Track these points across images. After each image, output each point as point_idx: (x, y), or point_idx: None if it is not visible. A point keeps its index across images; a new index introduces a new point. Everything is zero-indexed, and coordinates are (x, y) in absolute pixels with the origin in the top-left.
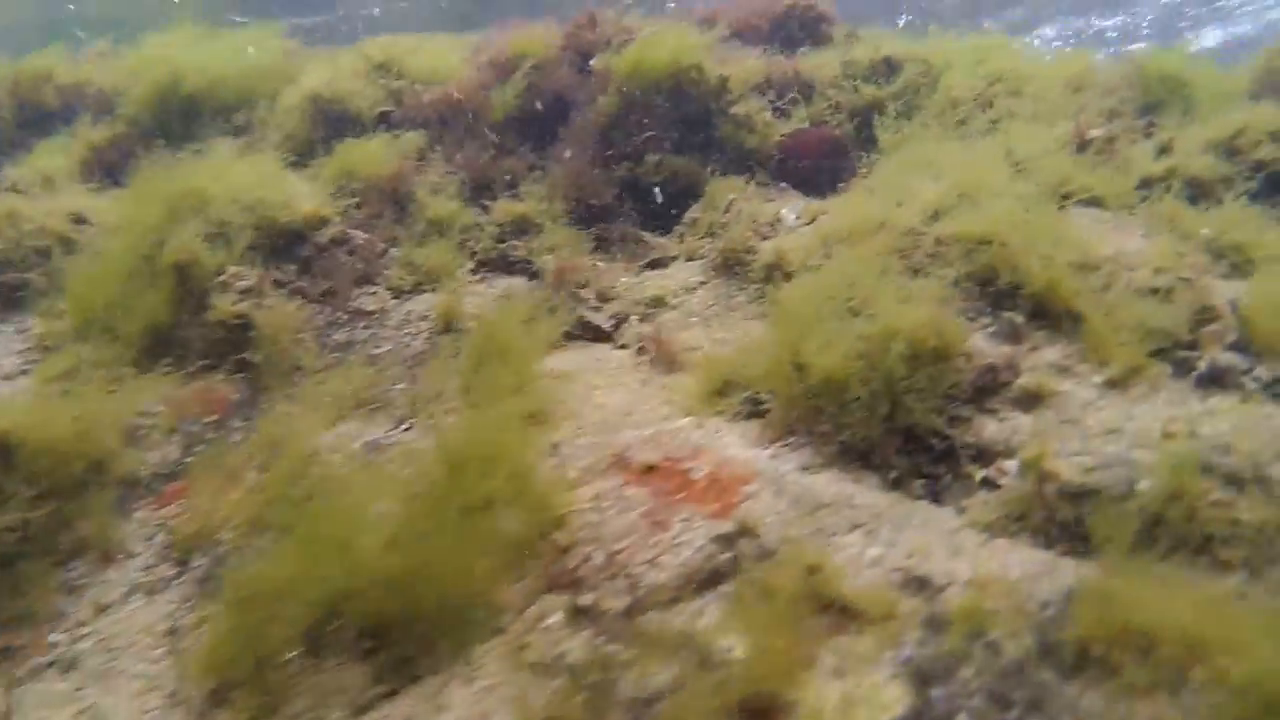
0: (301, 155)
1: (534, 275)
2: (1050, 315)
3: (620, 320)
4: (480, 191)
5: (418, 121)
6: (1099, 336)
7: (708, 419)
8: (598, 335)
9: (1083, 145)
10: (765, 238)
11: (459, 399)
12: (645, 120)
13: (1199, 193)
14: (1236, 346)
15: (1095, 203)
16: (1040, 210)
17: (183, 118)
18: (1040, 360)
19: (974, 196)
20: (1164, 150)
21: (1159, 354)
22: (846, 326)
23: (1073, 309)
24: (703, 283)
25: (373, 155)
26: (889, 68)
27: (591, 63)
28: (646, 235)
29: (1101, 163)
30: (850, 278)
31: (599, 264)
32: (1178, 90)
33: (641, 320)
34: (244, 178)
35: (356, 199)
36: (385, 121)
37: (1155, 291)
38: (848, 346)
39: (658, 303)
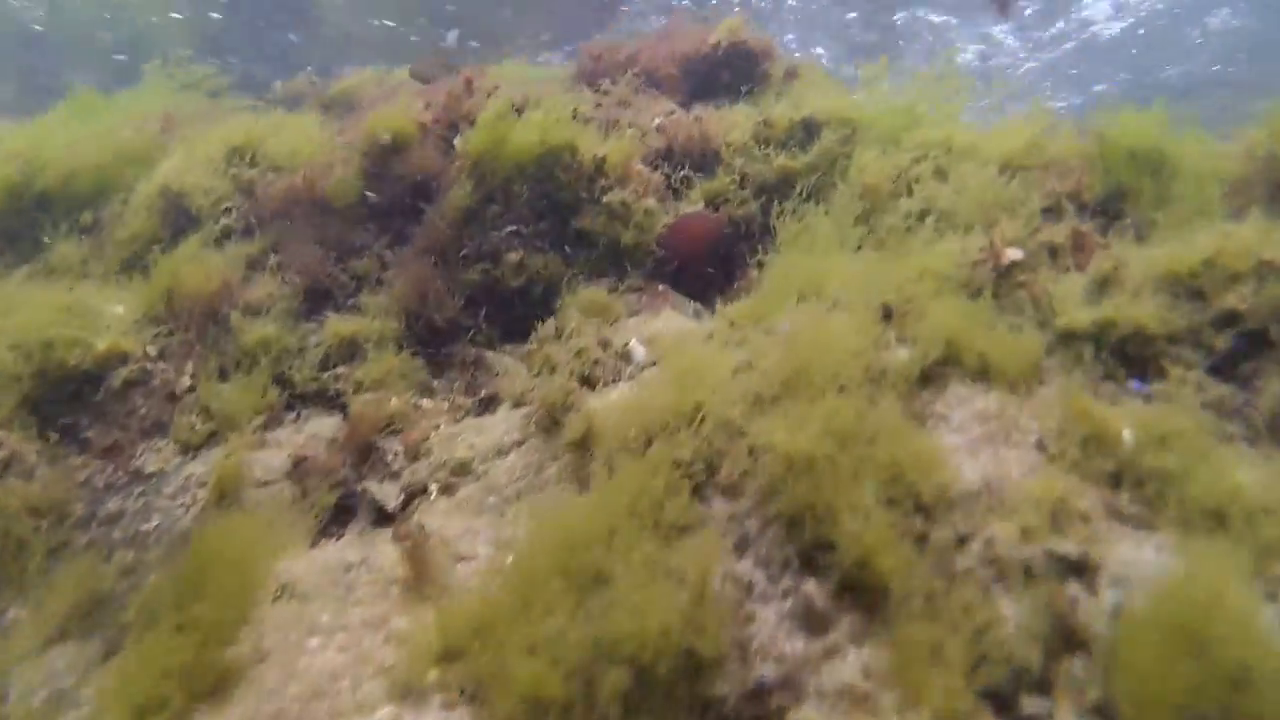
0: (144, 259)
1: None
2: (866, 590)
3: (413, 494)
4: (320, 302)
5: (264, 218)
6: (914, 656)
7: (417, 703)
8: (380, 517)
9: (990, 277)
10: (600, 383)
11: (159, 636)
12: (506, 212)
13: (1143, 354)
14: (1101, 712)
15: (985, 375)
16: (887, 410)
17: (32, 219)
18: (833, 679)
19: (812, 375)
20: (1104, 284)
21: (992, 698)
22: (570, 619)
23: (893, 595)
24: (519, 442)
25: (194, 268)
26: (807, 132)
27: (455, 142)
28: (494, 357)
29: (1012, 301)
30: (612, 516)
31: (423, 403)
32: (1153, 172)
33: (441, 492)
34: (37, 312)
35: (168, 325)
36: (225, 219)
37: (1004, 579)
38: (560, 653)
39: (463, 469)
